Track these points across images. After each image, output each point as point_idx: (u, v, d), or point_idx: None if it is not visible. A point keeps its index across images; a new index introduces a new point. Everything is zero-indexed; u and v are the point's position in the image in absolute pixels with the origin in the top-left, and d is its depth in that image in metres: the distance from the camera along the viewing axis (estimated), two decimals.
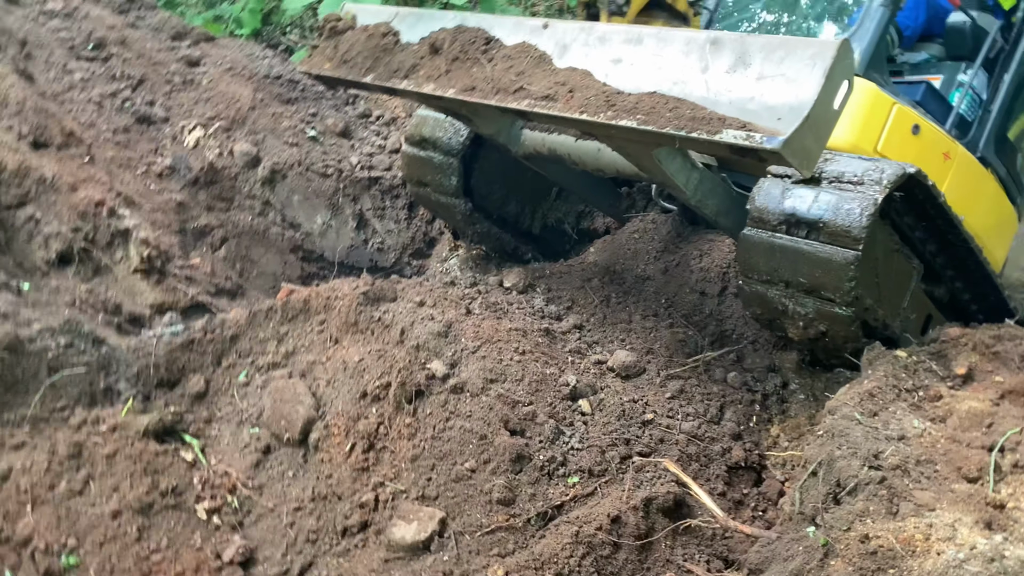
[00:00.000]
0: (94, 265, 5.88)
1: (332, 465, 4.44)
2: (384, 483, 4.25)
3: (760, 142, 3.33)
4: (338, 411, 4.60)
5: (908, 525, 2.69)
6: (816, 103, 3.36)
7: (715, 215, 4.98)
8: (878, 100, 5.22)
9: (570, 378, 4.78)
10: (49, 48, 7.49)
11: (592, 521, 3.96)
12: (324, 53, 5.34)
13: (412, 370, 4.56)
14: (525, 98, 4.03)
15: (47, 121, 6.36)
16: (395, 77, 4.72)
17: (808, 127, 3.36)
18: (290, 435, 4.61)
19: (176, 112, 7.70)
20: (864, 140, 5.10)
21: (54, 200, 5.82)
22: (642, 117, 3.64)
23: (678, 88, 3.72)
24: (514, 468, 4.21)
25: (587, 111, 3.78)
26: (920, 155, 5.25)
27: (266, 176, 7.63)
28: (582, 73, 4.00)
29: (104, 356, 4.83)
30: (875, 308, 4.60)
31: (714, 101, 3.60)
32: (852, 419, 3.47)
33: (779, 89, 3.48)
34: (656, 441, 4.59)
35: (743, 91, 3.57)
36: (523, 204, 7.48)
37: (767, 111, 3.46)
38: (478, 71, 4.29)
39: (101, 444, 4.28)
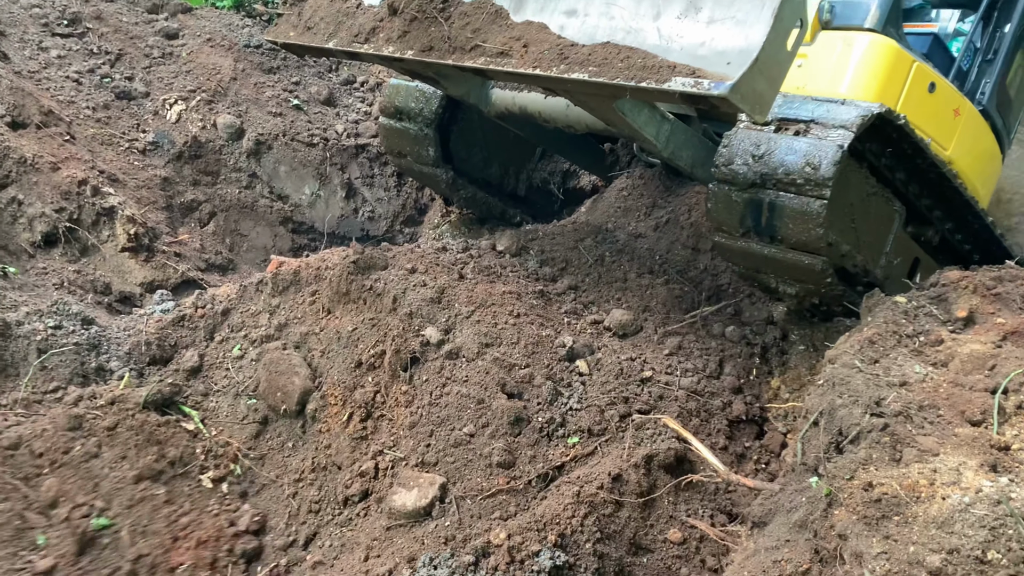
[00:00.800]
0: (81, 245, 5.81)
1: (330, 435, 4.41)
2: (383, 451, 4.22)
3: (708, 88, 3.26)
4: (334, 381, 4.56)
5: (912, 471, 2.65)
6: (765, 45, 3.28)
7: (690, 167, 4.90)
8: (899, 58, 5.04)
9: (566, 339, 4.73)
10: (23, 25, 7.34)
11: (593, 480, 3.93)
12: (289, 21, 5.26)
13: (406, 337, 4.51)
14: (480, 56, 4.00)
15: (24, 100, 6.24)
16: (356, 41, 4.66)
17: (758, 70, 3.28)
18: (287, 407, 4.57)
19: (156, 86, 7.57)
20: (884, 99, 4.86)
21: (36, 181, 5.74)
22: (594, 69, 3.59)
23: (631, 37, 3.66)
24: (513, 431, 4.18)
25: (540, 66, 3.75)
26: (935, 113, 5.19)
27: (251, 148, 7.53)
28: (537, 27, 3.95)
29: (94, 335, 4.78)
30: (853, 254, 4.54)
31: (666, 48, 3.54)
32: (852, 367, 3.42)
33: (729, 32, 3.41)
34: (655, 398, 4.55)
35: (694, 36, 3.51)
36: (506, 166, 7.38)
37: (717, 56, 3.40)
38: (435, 30, 4.25)
39: (101, 417, 4.26)
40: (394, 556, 3.63)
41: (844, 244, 4.48)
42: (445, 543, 3.69)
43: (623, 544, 3.80)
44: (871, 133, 4.50)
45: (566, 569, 3.52)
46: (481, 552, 3.58)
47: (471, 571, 3.47)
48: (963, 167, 5.39)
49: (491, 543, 3.62)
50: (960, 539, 2.38)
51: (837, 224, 4.37)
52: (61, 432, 4.12)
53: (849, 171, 4.37)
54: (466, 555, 3.54)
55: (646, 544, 3.86)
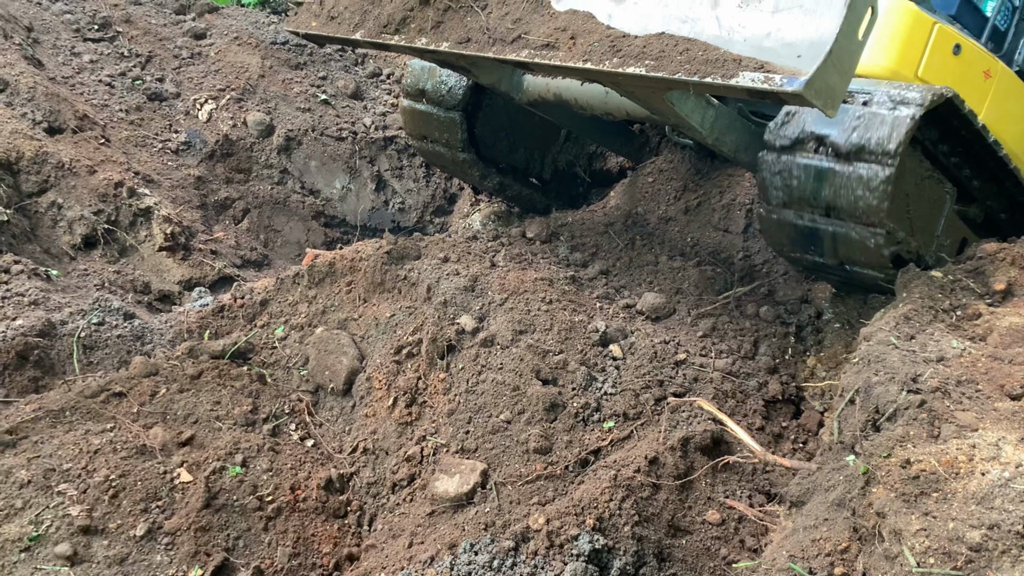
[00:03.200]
0: (119, 246, 5.93)
1: (376, 420, 4.49)
2: (426, 437, 4.28)
3: (780, 85, 3.07)
4: (377, 365, 4.64)
5: (950, 447, 2.63)
6: (839, 36, 3.09)
7: (734, 152, 4.80)
8: (918, 21, 4.81)
9: (599, 324, 4.74)
10: (55, 32, 7.47)
11: (630, 464, 3.94)
12: (311, 10, 5.08)
13: (442, 326, 4.56)
14: (524, 48, 3.79)
15: (60, 106, 6.36)
16: (385, 32, 4.48)
17: (831, 63, 3.09)
18: (335, 385, 4.67)
19: (186, 86, 7.67)
20: (904, 65, 4.76)
21: (74, 184, 5.85)
22: (651, 63, 3.38)
23: (688, 27, 3.45)
24: (548, 417, 4.20)
25: (591, 59, 3.54)
26: (961, 77, 4.99)
27: (281, 144, 7.61)
28: (584, 15, 3.75)
29: (137, 328, 4.89)
30: (908, 240, 4.43)
31: (727, 40, 3.34)
32: (888, 344, 3.40)
33: (797, 22, 3.20)
34: (690, 380, 4.55)
35: (758, 27, 3.30)
36: (531, 150, 7.28)
37: (786, 48, 3.20)
38: (472, 20, 4.07)
39: (180, 366, 4.47)
40: (436, 543, 3.68)
41: (900, 231, 4.37)
42: (485, 529, 3.73)
43: (661, 526, 3.81)
44: (927, 117, 4.35)
45: (605, 552, 3.54)
46: (521, 537, 3.62)
47: (511, 556, 3.50)
48: (998, 131, 5.17)
49: (530, 528, 3.65)
50: (1000, 514, 2.37)
51: (894, 211, 4.24)
52: (140, 378, 4.28)
53: (906, 157, 4.21)
54: (506, 540, 3.58)
55: (684, 526, 3.87)
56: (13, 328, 4.42)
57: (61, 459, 3.80)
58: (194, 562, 3.66)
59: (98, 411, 4.12)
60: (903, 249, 4.46)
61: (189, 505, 3.82)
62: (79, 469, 3.79)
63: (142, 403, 4.23)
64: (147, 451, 3.98)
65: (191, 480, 3.89)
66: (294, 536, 3.94)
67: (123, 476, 3.82)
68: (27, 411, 4.01)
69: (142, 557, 3.63)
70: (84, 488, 3.74)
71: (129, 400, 4.24)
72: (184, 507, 3.82)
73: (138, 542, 3.65)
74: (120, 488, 3.78)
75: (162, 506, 3.79)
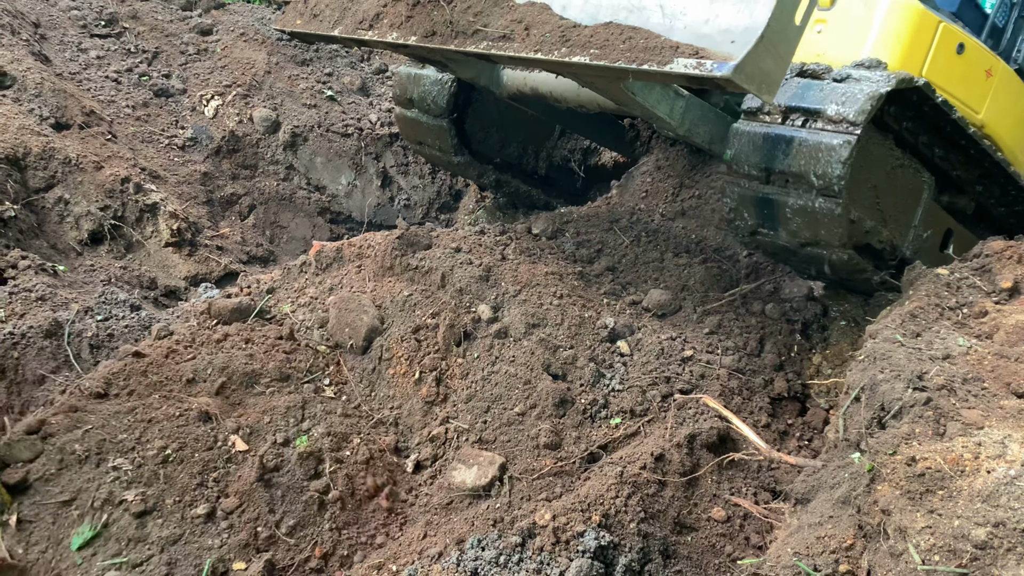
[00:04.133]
0: (126, 242, 5.94)
1: (403, 396, 4.47)
2: (449, 419, 4.30)
3: (711, 70, 3.12)
4: (396, 337, 4.63)
5: (956, 445, 2.63)
6: (771, 21, 3.12)
7: (708, 143, 4.76)
8: (924, 20, 4.77)
9: (608, 320, 4.75)
10: (62, 28, 7.49)
11: (636, 460, 3.95)
12: (296, 8, 5.22)
13: (459, 313, 4.60)
14: (483, 40, 3.93)
15: (66, 101, 6.38)
16: (360, 28, 4.60)
17: (765, 48, 3.13)
18: (354, 342, 4.66)
19: (193, 82, 7.69)
20: (908, 65, 4.68)
21: (80, 180, 5.87)
22: (595, 52, 3.49)
23: (635, 16, 3.53)
24: (558, 412, 4.22)
25: (542, 50, 3.65)
26: (965, 76, 4.99)
27: (287, 140, 7.62)
28: (540, 7, 3.85)
29: (144, 318, 4.90)
30: (878, 230, 4.39)
31: (670, 27, 3.40)
32: (894, 341, 3.40)
33: (734, 8, 3.25)
34: (697, 377, 4.55)
35: (698, 13, 3.35)
36: (524, 146, 7.26)
37: (721, 34, 3.24)
38: (438, 14, 4.18)
39: (203, 330, 4.50)
40: (445, 536, 3.69)
41: (868, 220, 4.35)
42: (493, 525, 3.74)
43: (667, 523, 3.82)
44: (895, 101, 4.37)
45: (610, 549, 3.55)
46: (527, 533, 3.62)
47: (517, 552, 3.51)
48: (998, 130, 5.21)
49: (536, 524, 3.66)
50: (1006, 512, 2.37)
51: (860, 201, 4.23)
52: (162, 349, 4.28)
53: (871, 145, 4.22)
54: (512, 536, 3.58)
55: (690, 523, 3.88)
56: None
57: (115, 430, 3.79)
58: (247, 550, 3.63)
59: (139, 381, 4.11)
60: (873, 239, 4.44)
61: (243, 479, 3.78)
62: (132, 441, 3.78)
63: (175, 368, 4.19)
64: (200, 418, 3.95)
65: (247, 449, 3.87)
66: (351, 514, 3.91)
67: (180, 448, 3.80)
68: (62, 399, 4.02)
69: (194, 538, 3.60)
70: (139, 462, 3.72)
71: (164, 366, 4.21)
72: (238, 480, 3.78)
73: (193, 521, 3.63)
74: (177, 460, 3.76)
75: (218, 478, 3.76)
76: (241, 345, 4.46)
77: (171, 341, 4.43)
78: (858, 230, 4.33)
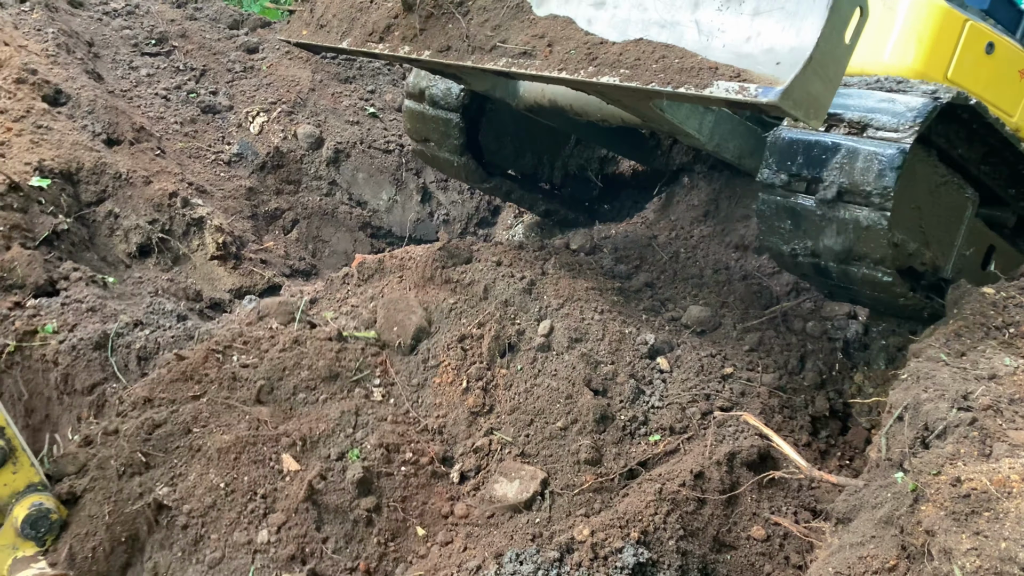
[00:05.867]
0: (173, 255, 6.07)
1: (447, 401, 4.51)
2: (493, 431, 4.32)
3: (755, 95, 2.88)
4: (443, 343, 4.67)
5: (1003, 466, 2.60)
6: (820, 41, 2.87)
7: (738, 158, 4.59)
8: (948, 18, 4.47)
9: (648, 336, 4.74)
10: (114, 47, 7.70)
11: (675, 478, 3.94)
12: (302, 18, 4.96)
13: (504, 324, 4.64)
14: (502, 56, 3.68)
15: (118, 118, 6.55)
16: (371, 40, 4.34)
17: (813, 70, 2.89)
18: (402, 340, 4.69)
19: (239, 99, 7.85)
20: (932, 67, 4.44)
21: (130, 194, 6.02)
22: (626, 72, 3.23)
23: (667, 32, 3.27)
24: (598, 428, 4.23)
25: (567, 68, 3.41)
26: (995, 77, 4.72)
27: (330, 156, 7.74)
28: (563, 22, 3.59)
29: (191, 328, 5.00)
30: (921, 252, 4.17)
31: (706, 45, 3.15)
32: (938, 360, 3.36)
33: (778, 26, 2.99)
34: (737, 395, 4.54)
35: (738, 31, 3.09)
36: (540, 155, 7.04)
37: (765, 54, 2.99)
38: (453, 28, 3.93)
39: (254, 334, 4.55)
40: (484, 550, 3.71)
41: (911, 243, 4.14)
42: (532, 540, 3.76)
43: (706, 541, 3.81)
44: (941, 117, 4.12)
45: (649, 566, 3.55)
46: (565, 548, 3.63)
47: (555, 567, 3.52)
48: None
49: (575, 539, 3.67)
50: None
51: (903, 224, 4.00)
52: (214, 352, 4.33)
53: (914, 164, 3.96)
54: (551, 551, 3.60)
55: (729, 541, 3.86)
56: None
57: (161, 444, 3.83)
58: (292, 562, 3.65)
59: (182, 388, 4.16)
60: (916, 261, 4.26)
61: (291, 497, 3.78)
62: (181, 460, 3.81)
63: (224, 371, 4.23)
64: (253, 427, 3.97)
65: (298, 469, 3.85)
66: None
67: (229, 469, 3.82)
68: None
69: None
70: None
71: (215, 369, 4.25)
72: (286, 499, 3.78)
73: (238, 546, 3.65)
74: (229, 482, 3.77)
75: (266, 495, 3.77)
76: (290, 346, 4.53)
77: (218, 343, 4.49)
78: (901, 253, 4.14)
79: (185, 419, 3.90)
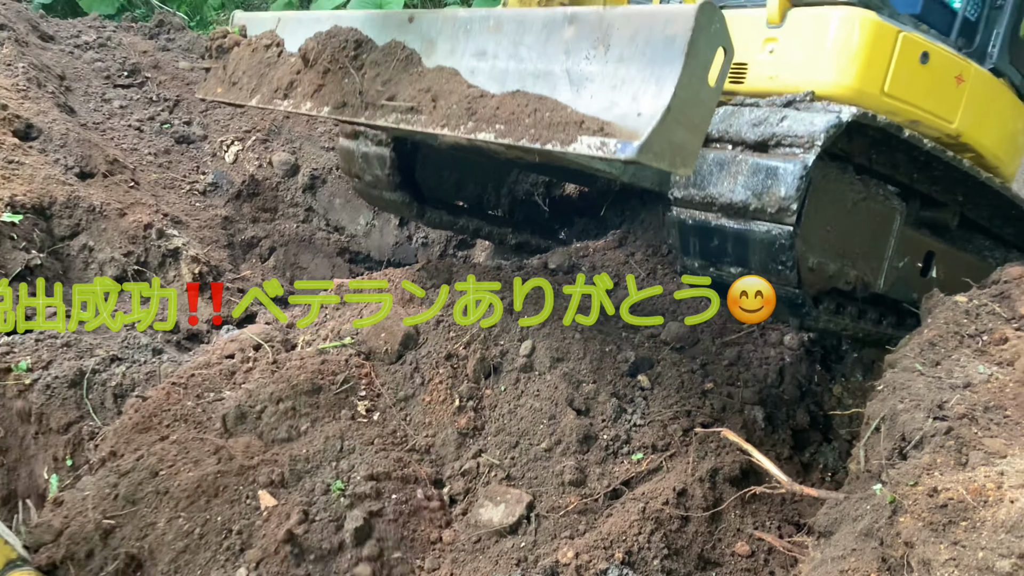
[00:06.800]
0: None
1: (436, 420, 4.47)
2: (482, 452, 4.31)
3: (615, 151, 2.76)
4: (431, 359, 4.64)
5: (979, 475, 2.61)
6: (679, 89, 2.73)
7: (658, 185, 4.45)
8: (880, 32, 4.32)
9: (628, 354, 4.75)
10: (86, 79, 7.68)
11: (659, 496, 3.95)
12: (216, 75, 5.00)
13: (488, 346, 4.64)
14: (391, 112, 3.66)
15: (91, 151, 6.52)
16: (276, 97, 4.38)
17: (674, 119, 2.75)
18: (388, 347, 4.67)
19: (213, 129, 7.84)
20: (868, 83, 4.32)
21: (104, 227, 5.97)
22: (500, 127, 3.16)
23: (541, 83, 3.18)
24: (582, 448, 4.24)
25: (449, 124, 3.37)
26: (933, 86, 4.62)
27: (306, 183, 7.73)
28: (448, 74, 3.56)
29: (167, 361, 4.94)
30: (845, 271, 4.03)
31: (576, 96, 3.04)
32: (913, 370, 3.38)
33: (640, 75, 2.86)
34: (718, 410, 4.54)
35: (605, 80, 2.98)
36: (484, 184, 6.93)
37: (630, 103, 2.85)
38: (348, 82, 3.93)
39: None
40: None
41: (830, 264, 3.98)
42: (517, 564, 3.74)
43: (691, 559, 3.80)
44: (856, 135, 4.05)
45: None
46: (550, 572, 3.62)
47: None
48: (977, 137, 4.87)
49: (559, 562, 3.65)
50: None
51: (816, 245, 3.82)
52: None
53: (828, 182, 3.83)
54: (536, 575, 3.58)
55: (714, 558, 3.86)
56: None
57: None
58: None
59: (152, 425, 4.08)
60: (839, 282, 4.13)
61: (268, 537, 3.68)
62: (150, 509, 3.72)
63: (192, 407, 4.16)
64: (224, 461, 3.88)
65: (275, 504, 3.74)
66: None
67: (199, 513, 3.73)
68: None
69: None
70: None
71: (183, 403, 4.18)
72: (263, 538, 3.68)
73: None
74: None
75: (242, 533, 3.68)
76: (268, 368, 4.49)
77: (180, 376, 4.43)
78: (819, 276, 3.96)
79: (151, 463, 3.81)
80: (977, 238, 5.21)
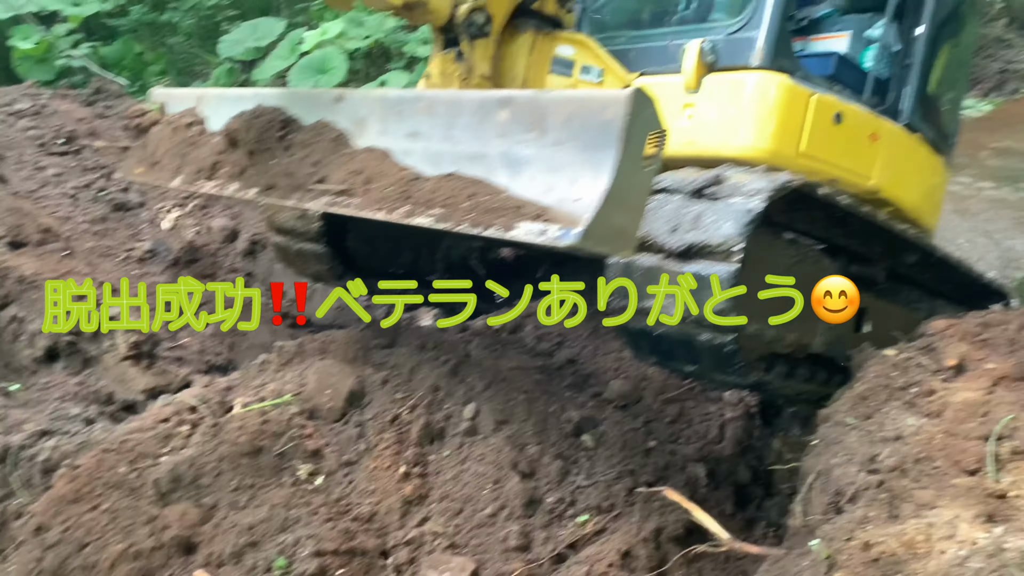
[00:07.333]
0: (82, 357, 5.88)
1: (380, 488, 4.35)
2: (427, 519, 4.24)
3: (555, 238, 2.71)
4: (378, 423, 4.56)
5: (909, 527, 2.64)
6: (618, 173, 2.71)
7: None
8: (793, 95, 4.42)
9: (572, 414, 4.76)
10: (20, 148, 7.57)
11: (603, 559, 3.93)
12: (136, 155, 4.83)
13: (432, 409, 4.60)
14: (323, 195, 3.52)
15: (23, 220, 6.40)
16: (200, 178, 4.18)
17: (613, 204, 2.72)
18: (333, 404, 4.58)
19: (151, 196, 7.76)
20: (784, 144, 4.39)
21: (36, 298, 5.84)
22: (438, 211, 3.08)
23: (477, 165, 3.11)
24: (526, 512, 4.21)
25: (384, 207, 3.27)
26: (848, 145, 4.74)
27: (246, 248, 7.67)
28: (380, 155, 3.46)
29: (98, 432, 4.78)
30: (781, 336, 4.00)
31: (513, 179, 2.98)
32: (846, 425, 3.44)
33: (577, 158, 2.83)
34: (661, 468, 4.56)
35: (542, 163, 2.93)
36: (418, 250, 6.82)
37: (568, 187, 2.82)
38: (275, 164, 3.77)
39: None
40: None
41: (767, 331, 3.91)
42: None
43: None
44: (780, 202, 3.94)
45: None
46: None
47: None
48: (895, 192, 5.03)
49: None
50: None
51: (754, 313, 3.74)
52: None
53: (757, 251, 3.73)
54: None
55: None
56: None
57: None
58: None
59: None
60: (777, 346, 4.10)
61: None
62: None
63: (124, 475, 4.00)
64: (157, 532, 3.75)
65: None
66: None
67: None
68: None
69: None
70: None
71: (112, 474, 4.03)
72: None
73: None
74: None
75: None
76: (207, 431, 4.36)
77: (111, 443, 4.28)
78: (758, 343, 3.92)
79: (78, 535, 3.67)
80: (904, 290, 5.33)
